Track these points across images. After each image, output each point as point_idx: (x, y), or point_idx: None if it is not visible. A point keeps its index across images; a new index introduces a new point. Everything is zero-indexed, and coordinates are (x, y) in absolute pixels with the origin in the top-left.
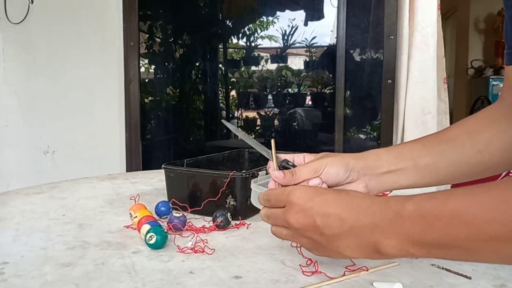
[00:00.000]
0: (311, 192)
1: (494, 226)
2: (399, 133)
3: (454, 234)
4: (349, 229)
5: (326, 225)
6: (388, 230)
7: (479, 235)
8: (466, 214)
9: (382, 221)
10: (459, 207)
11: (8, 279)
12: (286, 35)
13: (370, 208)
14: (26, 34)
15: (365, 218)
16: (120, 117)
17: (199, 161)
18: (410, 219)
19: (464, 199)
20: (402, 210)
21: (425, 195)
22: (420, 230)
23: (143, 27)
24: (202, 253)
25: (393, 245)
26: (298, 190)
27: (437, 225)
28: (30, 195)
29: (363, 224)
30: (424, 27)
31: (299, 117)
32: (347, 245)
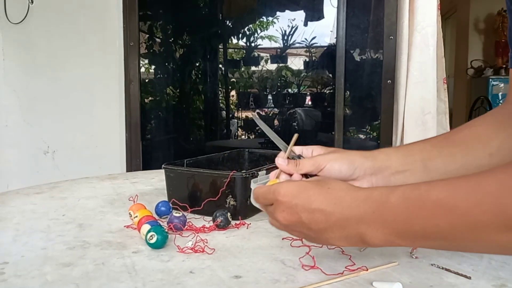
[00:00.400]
0: (295, 189)
1: (475, 214)
2: (399, 133)
3: (438, 223)
4: (334, 223)
5: (312, 221)
6: (373, 222)
7: (461, 224)
8: (448, 204)
9: (366, 213)
10: (441, 197)
11: (8, 279)
12: (286, 35)
13: (354, 202)
14: (26, 34)
15: (349, 211)
16: (120, 117)
17: (199, 161)
18: (394, 210)
19: (445, 189)
20: (386, 201)
21: (409, 186)
22: (404, 221)
23: (143, 27)
24: (202, 253)
25: (378, 236)
26: (283, 188)
27: (420, 216)
28: (30, 195)
29: (347, 218)
30: (424, 27)
31: (299, 117)
32: (334, 237)
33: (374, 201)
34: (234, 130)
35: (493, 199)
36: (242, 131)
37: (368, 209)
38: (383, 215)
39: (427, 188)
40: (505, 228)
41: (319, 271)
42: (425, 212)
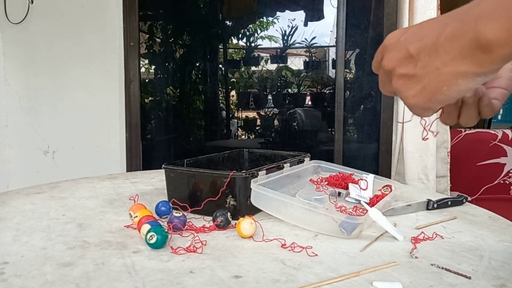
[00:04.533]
0: (406, 28)
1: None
2: (399, 133)
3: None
4: (445, 38)
5: (421, 49)
6: (495, 11)
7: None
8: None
9: (487, 4)
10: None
11: (8, 279)
12: (286, 36)
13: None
14: (26, 34)
15: (466, 13)
16: (120, 117)
17: (199, 161)
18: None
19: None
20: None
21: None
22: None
23: (143, 27)
24: (194, 253)
25: (501, 24)
26: (391, 33)
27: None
28: (30, 195)
29: (463, 22)
30: None
31: (299, 117)
32: (447, 60)
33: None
34: (234, 130)
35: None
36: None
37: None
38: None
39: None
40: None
41: (319, 271)
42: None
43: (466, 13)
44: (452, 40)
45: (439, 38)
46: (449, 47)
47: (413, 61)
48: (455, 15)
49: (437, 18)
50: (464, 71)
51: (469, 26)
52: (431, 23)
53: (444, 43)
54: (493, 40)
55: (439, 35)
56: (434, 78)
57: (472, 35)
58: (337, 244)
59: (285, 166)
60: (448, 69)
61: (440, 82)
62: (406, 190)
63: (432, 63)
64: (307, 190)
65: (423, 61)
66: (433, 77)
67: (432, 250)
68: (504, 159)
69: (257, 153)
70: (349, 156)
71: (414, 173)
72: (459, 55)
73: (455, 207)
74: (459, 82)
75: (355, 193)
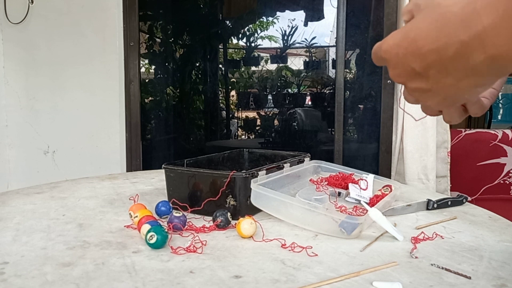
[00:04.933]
0: (399, 37)
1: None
2: (399, 133)
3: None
4: (451, 59)
5: (426, 67)
6: (500, 24)
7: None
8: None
9: (487, 19)
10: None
11: (8, 279)
12: (286, 35)
13: (472, 13)
14: (26, 34)
15: (466, 31)
16: (120, 117)
17: (199, 161)
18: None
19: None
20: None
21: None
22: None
23: (143, 27)
24: (194, 253)
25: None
26: (385, 42)
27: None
28: (30, 195)
29: (464, 43)
30: None
31: (299, 117)
32: (459, 77)
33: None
34: (234, 130)
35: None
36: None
37: (489, 14)
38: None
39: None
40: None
41: (319, 271)
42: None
43: (465, 29)
44: (459, 59)
45: (443, 57)
46: (458, 66)
47: (422, 77)
48: (450, 30)
49: (430, 25)
50: (482, 83)
51: (476, 45)
52: (426, 34)
53: (451, 62)
54: (508, 56)
55: (442, 53)
56: (452, 92)
57: (483, 56)
58: (337, 244)
59: (285, 166)
60: (464, 83)
61: (459, 94)
62: (406, 190)
63: (445, 80)
64: (307, 190)
65: (434, 78)
66: (451, 91)
67: (432, 250)
68: (504, 159)
69: (257, 153)
70: (349, 156)
71: (414, 173)
72: (472, 72)
73: (455, 207)
74: (478, 90)
75: (355, 193)
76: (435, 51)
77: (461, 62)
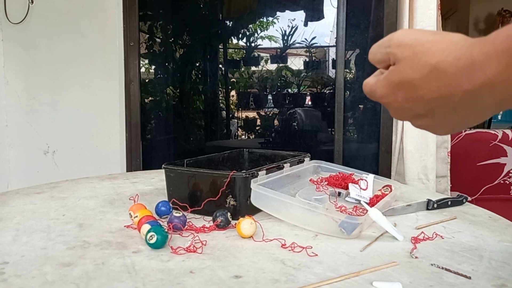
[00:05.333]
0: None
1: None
2: (399, 133)
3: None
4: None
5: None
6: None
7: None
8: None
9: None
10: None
11: (8, 279)
12: (286, 35)
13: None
14: (26, 34)
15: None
16: (120, 117)
17: (199, 161)
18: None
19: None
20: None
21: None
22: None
23: (143, 27)
24: (194, 253)
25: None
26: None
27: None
28: (30, 195)
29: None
30: (423, 27)
31: (299, 117)
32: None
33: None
34: (234, 130)
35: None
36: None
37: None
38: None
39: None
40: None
41: (319, 271)
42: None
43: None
44: (466, 104)
45: (449, 103)
46: (466, 108)
47: (428, 117)
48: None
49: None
50: (488, 116)
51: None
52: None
53: (458, 106)
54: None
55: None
56: (459, 125)
57: (492, 100)
58: (337, 244)
59: (285, 166)
60: (471, 119)
61: (466, 126)
62: (406, 190)
63: (451, 117)
64: (307, 190)
65: (439, 116)
66: (458, 125)
67: (432, 250)
68: (504, 159)
69: (257, 153)
70: (349, 156)
71: (414, 173)
72: (479, 112)
73: (455, 207)
74: (486, 117)
75: (355, 193)
76: (439, 99)
77: (469, 106)
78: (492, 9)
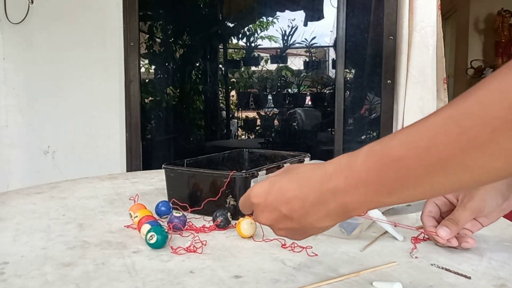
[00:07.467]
0: (266, 187)
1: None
2: None
3: (411, 166)
4: (312, 203)
5: (292, 210)
6: (348, 188)
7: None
8: (416, 141)
9: (339, 182)
10: (407, 136)
11: (8, 279)
12: (286, 35)
13: (325, 176)
14: (26, 34)
15: (321, 186)
16: (120, 117)
17: (199, 161)
18: (365, 169)
19: (409, 130)
20: (354, 162)
21: (372, 143)
22: (377, 177)
23: (143, 27)
24: (201, 253)
25: (359, 200)
26: (253, 190)
27: (391, 165)
28: (30, 195)
29: (322, 193)
30: (423, 27)
31: (299, 117)
32: (318, 218)
33: (343, 168)
34: (234, 130)
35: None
36: (242, 131)
37: (340, 178)
38: (355, 178)
39: (392, 136)
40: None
41: (319, 271)
42: (394, 158)
43: (320, 186)
44: (317, 206)
45: (305, 204)
46: (316, 211)
47: (288, 218)
48: (311, 186)
49: (292, 180)
50: (332, 224)
51: (328, 197)
52: (290, 186)
53: (312, 208)
54: (352, 208)
55: (304, 201)
56: (311, 229)
57: (334, 205)
58: (337, 244)
59: (285, 166)
60: (321, 224)
61: (316, 231)
62: None
63: (306, 220)
64: None
65: (297, 219)
66: (311, 229)
67: (432, 250)
68: None
69: (257, 153)
70: None
71: None
72: (326, 216)
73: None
74: (329, 227)
75: None
76: (297, 197)
77: (319, 207)
78: (492, 9)
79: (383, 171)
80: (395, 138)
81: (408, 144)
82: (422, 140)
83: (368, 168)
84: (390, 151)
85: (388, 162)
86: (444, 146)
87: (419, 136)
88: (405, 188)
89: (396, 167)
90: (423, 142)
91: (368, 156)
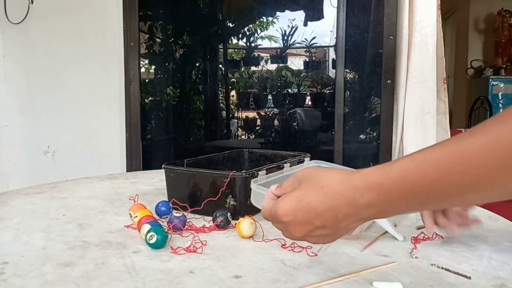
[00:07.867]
0: (293, 204)
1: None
2: (399, 133)
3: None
4: (346, 214)
5: (325, 221)
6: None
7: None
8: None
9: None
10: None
11: (8, 279)
12: (286, 35)
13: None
14: (26, 34)
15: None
16: (120, 117)
17: (199, 161)
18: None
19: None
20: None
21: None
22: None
23: (143, 27)
24: (201, 253)
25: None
26: (280, 209)
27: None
28: (30, 195)
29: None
30: (423, 27)
31: (299, 117)
32: (351, 223)
33: (374, 185)
34: (234, 130)
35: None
36: (242, 131)
37: (372, 194)
38: (388, 195)
39: (421, 160)
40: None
41: (319, 271)
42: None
43: (353, 201)
44: (349, 217)
45: (338, 215)
46: (348, 219)
47: (322, 228)
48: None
49: (319, 194)
50: (359, 224)
51: (362, 210)
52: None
53: (345, 217)
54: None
55: (337, 212)
56: (343, 232)
57: (367, 214)
58: (337, 244)
59: (285, 166)
60: (353, 226)
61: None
62: None
63: (340, 226)
64: None
65: (330, 227)
66: (343, 232)
67: (432, 250)
68: None
69: (257, 153)
70: (349, 156)
71: None
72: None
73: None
74: (357, 227)
75: None
76: (330, 210)
77: (350, 218)
78: (492, 9)
79: (416, 191)
80: (428, 160)
81: (444, 169)
82: (457, 165)
83: (402, 187)
84: (425, 174)
85: (422, 184)
86: (478, 172)
87: (455, 161)
88: (436, 202)
89: (430, 189)
90: (459, 167)
91: (401, 177)
